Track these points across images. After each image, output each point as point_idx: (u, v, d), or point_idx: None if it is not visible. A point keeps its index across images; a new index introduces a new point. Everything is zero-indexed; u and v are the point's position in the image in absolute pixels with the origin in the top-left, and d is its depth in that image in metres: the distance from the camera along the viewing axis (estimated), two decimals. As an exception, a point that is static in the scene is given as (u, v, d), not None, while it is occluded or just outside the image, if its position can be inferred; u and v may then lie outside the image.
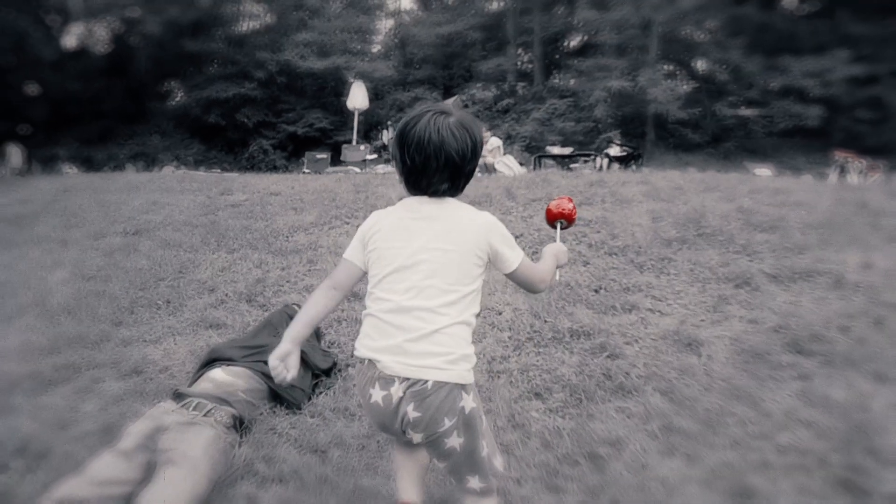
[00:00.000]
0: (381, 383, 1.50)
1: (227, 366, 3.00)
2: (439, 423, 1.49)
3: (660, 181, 7.16)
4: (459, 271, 1.52)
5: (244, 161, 22.35)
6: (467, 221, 1.55)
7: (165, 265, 5.50)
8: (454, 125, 1.51)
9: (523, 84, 25.39)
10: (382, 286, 1.55)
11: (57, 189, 10.08)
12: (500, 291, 3.80)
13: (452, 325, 1.50)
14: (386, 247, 1.56)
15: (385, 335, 1.51)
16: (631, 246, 4.53)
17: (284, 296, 4.39)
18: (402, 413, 1.50)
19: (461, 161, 1.51)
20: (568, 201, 2.04)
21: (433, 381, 1.47)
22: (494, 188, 7.16)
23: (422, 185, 1.55)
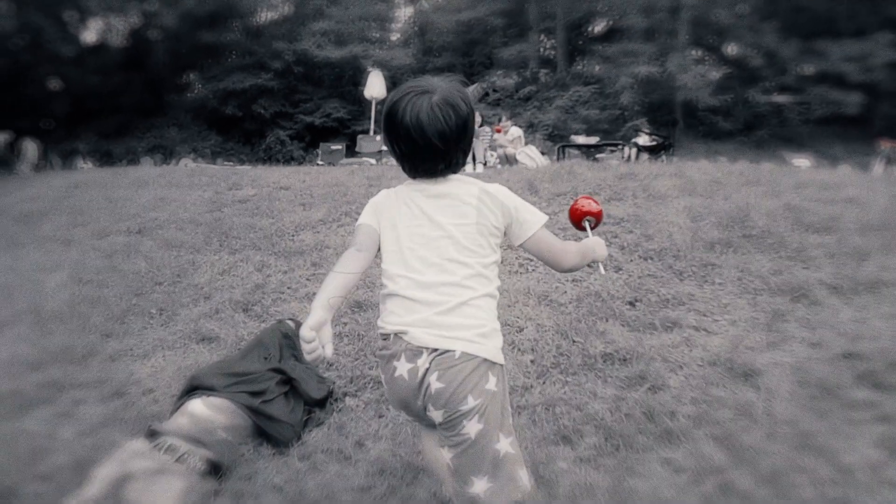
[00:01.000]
0: (408, 355, 1.43)
1: (208, 396, 2.61)
2: (463, 399, 1.38)
3: (695, 174, 6.63)
4: (477, 244, 1.47)
5: (261, 152, 22.10)
6: (478, 192, 1.50)
7: (164, 268, 5.19)
8: (436, 105, 1.43)
9: (546, 71, 24.67)
10: (400, 265, 1.48)
11: (68, 185, 10.03)
12: (521, 303, 3.36)
13: (479, 297, 1.45)
14: (400, 224, 1.51)
15: (411, 311, 1.44)
16: (668, 249, 4.05)
17: (283, 305, 4.00)
18: (426, 386, 1.41)
19: (448, 142, 1.45)
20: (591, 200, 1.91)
21: (461, 352, 1.39)
22: (516, 181, 6.70)
23: (418, 170, 1.52)
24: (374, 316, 3.51)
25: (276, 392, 2.62)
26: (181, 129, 22.64)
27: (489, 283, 1.48)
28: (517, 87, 23.59)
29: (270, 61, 22.14)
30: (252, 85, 21.81)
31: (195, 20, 22.25)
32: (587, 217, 1.85)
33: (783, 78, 21.58)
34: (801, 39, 20.49)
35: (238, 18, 24.53)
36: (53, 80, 21.55)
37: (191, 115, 23.00)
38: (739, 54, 23.22)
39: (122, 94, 22.74)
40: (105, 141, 21.59)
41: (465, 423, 1.40)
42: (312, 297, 3.84)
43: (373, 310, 3.57)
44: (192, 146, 21.97)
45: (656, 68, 20.39)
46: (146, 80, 23.17)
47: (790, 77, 21.57)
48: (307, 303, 3.89)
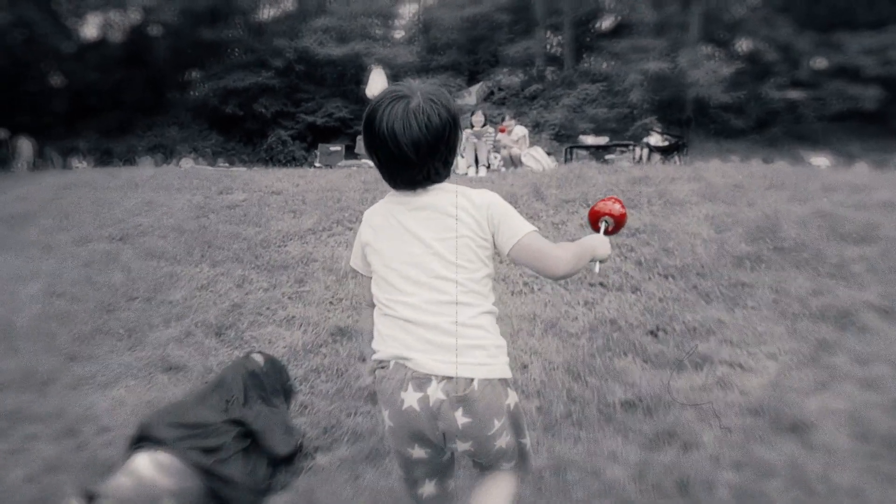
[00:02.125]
0: (416, 384, 1.34)
1: (156, 451, 2.20)
2: (489, 425, 1.36)
3: (714, 177, 6.18)
4: (465, 258, 1.38)
5: (262, 152, 21.69)
6: (463, 203, 1.41)
7: (140, 281, 4.83)
8: (412, 112, 1.34)
9: (552, 68, 24.06)
10: (388, 287, 1.42)
11: (59, 186, 9.80)
12: (526, 333, 2.93)
13: (478, 315, 1.37)
14: (384, 246, 1.44)
15: (409, 333, 1.37)
16: (691, 266, 3.61)
17: (260, 329, 3.59)
18: (448, 421, 1.33)
19: (421, 152, 1.36)
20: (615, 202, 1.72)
21: (479, 380, 1.33)
22: (520, 186, 6.27)
23: (397, 180, 1.43)
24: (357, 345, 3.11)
25: (234, 448, 2.20)
26: (182, 128, 22.26)
27: (484, 300, 1.40)
28: (523, 85, 23.00)
29: (271, 59, 21.69)
30: (253, 83, 21.36)
31: (195, 16, 21.89)
32: (604, 218, 1.68)
33: (798, 73, 20.97)
34: (817, 32, 19.88)
35: (240, 15, 24.15)
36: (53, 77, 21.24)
37: (191, 113, 22.61)
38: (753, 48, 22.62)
39: (123, 92, 22.44)
40: (105, 139, 21.27)
41: (496, 443, 1.39)
42: (291, 321, 3.43)
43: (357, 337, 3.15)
44: (193, 145, 21.61)
45: (667, 64, 19.82)
46: (147, 77, 22.83)
47: (805, 72, 20.96)
48: (285, 328, 3.49)
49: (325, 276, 4.25)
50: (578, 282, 3.55)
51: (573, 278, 3.67)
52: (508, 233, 1.39)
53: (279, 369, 2.85)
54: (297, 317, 3.57)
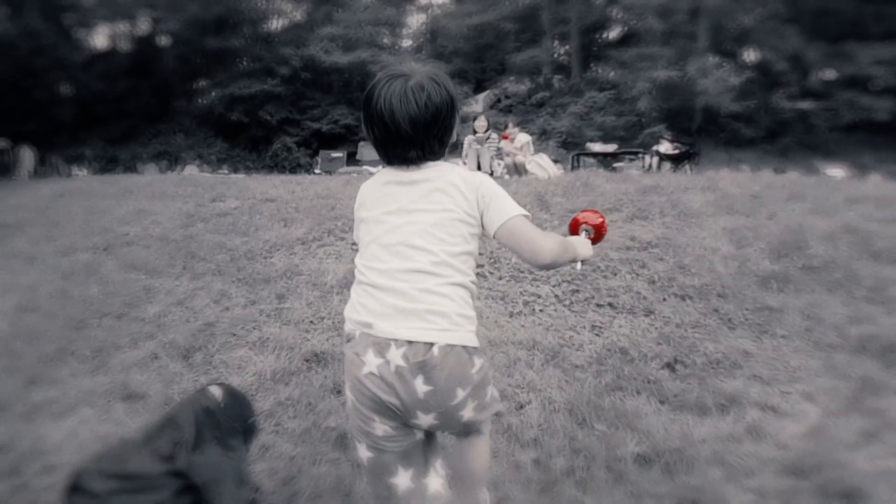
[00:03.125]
0: (376, 349, 1.31)
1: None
2: (452, 395, 1.32)
3: (729, 186, 5.82)
4: (445, 231, 1.37)
5: (268, 159, 21.44)
6: (455, 179, 1.40)
7: (116, 295, 4.52)
8: (410, 89, 1.34)
9: (559, 76, 23.75)
10: (368, 254, 1.42)
11: (55, 194, 9.68)
12: (524, 364, 2.57)
13: (446, 284, 1.34)
14: (371, 215, 1.44)
15: (375, 299, 1.36)
16: (711, 286, 3.25)
17: (230, 352, 3.25)
18: (409, 389, 1.30)
19: (418, 127, 1.35)
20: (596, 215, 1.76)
21: (439, 346, 1.29)
22: (524, 195, 5.92)
23: (391, 156, 1.42)
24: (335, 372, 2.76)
25: (174, 507, 1.86)
26: (187, 135, 22.11)
27: (458, 273, 1.37)
28: (530, 93, 22.71)
29: (277, 67, 21.53)
30: (258, 91, 21.20)
31: (202, 26, 21.77)
32: (584, 227, 1.71)
33: (808, 83, 20.59)
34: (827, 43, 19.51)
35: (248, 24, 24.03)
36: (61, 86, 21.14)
37: (197, 121, 22.45)
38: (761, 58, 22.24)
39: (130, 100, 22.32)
40: (111, 147, 21.14)
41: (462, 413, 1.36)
42: (265, 343, 3.09)
43: (334, 364, 2.81)
44: (198, 153, 21.44)
45: (675, 73, 19.48)
46: (154, 85, 22.71)
47: (815, 82, 20.58)
48: (257, 351, 3.15)
49: (309, 292, 3.91)
50: (585, 302, 3.20)
51: (580, 297, 3.32)
52: (497, 213, 1.38)
53: (240, 404, 2.49)
54: (271, 339, 3.23)
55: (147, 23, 22.65)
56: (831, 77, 20.90)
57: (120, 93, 22.10)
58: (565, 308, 3.15)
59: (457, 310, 1.34)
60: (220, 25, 22.57)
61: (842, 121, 20.07)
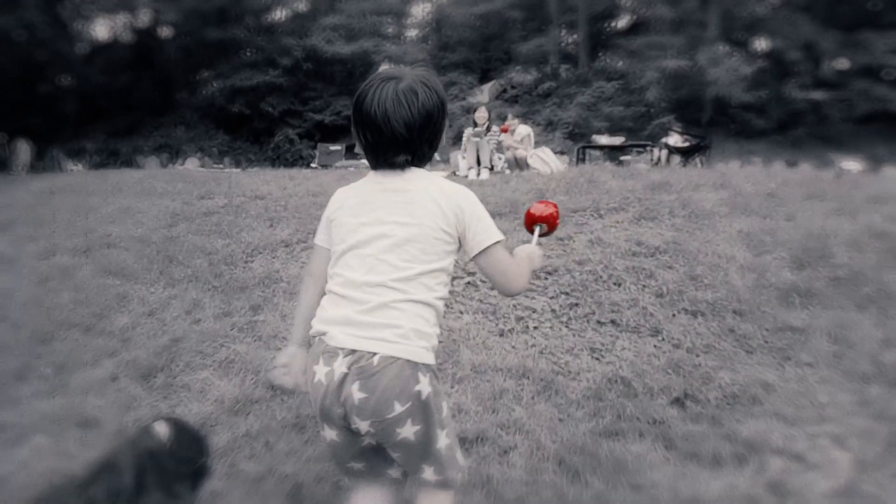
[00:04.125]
0: (326, 358, 1.33)
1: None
2: (388, 407, 1.30)
3: (743, 183, 5.47)
4: (419, 248, 1.35)
5: (270, 151, 21.20)
6: (435, 192, 1.38)
7: (89, 303, 4.25)
8: (402, 92, 1.34)
9: (566, 66, 23.24)
10: (340, 262, 1.41)
11: (46, 191, 9.45)
12: (511, 397, 2.25)
13: (406, 301, 1.34)
14: (346, 222, 1.42)
15: (336, 307, 1.37)
16: (726, 300, 2.92)
17: (193, 374, 2.95)
18: (346, 394, 1.30)
19: (412, 130, 1.34)
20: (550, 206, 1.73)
21: (381, 356, 1.29)
22: (524, 192, 5.59)
23: (380, 161, 1.40)
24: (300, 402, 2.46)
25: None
26: (188, 128, 21.84)
27: (424, 290, 1.35)
28: (536, 83, 22.21)
29: (279, 57, 21.19)
30: (260, 82, 20.88)
31: (204, 17, 21.43)
32: (538, 223, 1.70)
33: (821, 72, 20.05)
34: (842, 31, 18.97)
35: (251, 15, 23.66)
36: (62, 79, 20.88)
37: (198, 113, 22.16)
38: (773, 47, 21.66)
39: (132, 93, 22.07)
40: (113, 140, 20.92)
41: (398, 430, 1.33)
42: (230, 364, 2.80)
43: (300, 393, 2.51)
44: (200, 145, 21.18)
45: (685, 62, 18.98)
46: (155, 78, 22.43)
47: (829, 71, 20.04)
48: (221, 374, 2.85)
49: (285, 303, 3.61)
50: (585, 319, 2.88)
51: (579, 313, 3.00)
52: (478, 236, 1.38)
53: (190, 444, 2.18)
54: (237, 359, 2.94)
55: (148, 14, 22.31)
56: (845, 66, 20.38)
57: (122, 85, 21.87)
58: (562, 325, 2.83)
59: (411, 325, 1.33)
60: (222, 16, 22.25)
61: (856, 112, 19.59)
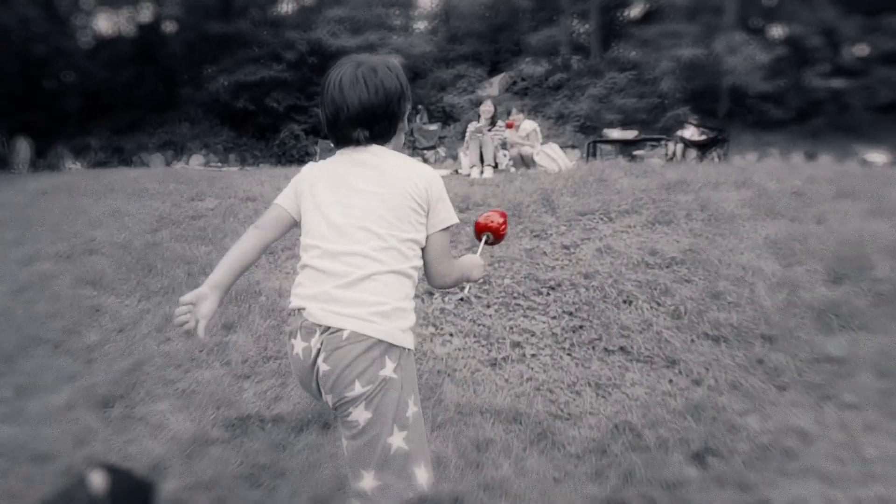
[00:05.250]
0: (303, 333, 1.34)
1: None
2: (349, 384, 1.28)
3: (766, 181, 5.06)
4: (394, 216, 1.36)
5: (275, 148, 20.88)
6: (406, 167, 1.42)
7: (62, 316, 3.99)
8: (361, 72, 1.38)
9: (578, 57, 22.63)
10: (314, 233, 1.39)
11: (38, 191, 9.21)
12: (498, 450, 1.89)
13: (387, 272, 1.34)
14: (318, 193, 1.42)
15: (316, 282, 1.35)
16: (753, 322, 2.55)
17: (152, 405, 2.64)
18: (317, 366, 1.31)
19: (365, 108, 1.37)
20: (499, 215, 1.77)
21: (350, 332, 1.28)
22: (528, 192, 5.23)
23: (338, 136, 1.43)
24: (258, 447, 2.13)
25: None
26: (193, 124, 21.55)
27: (404, 260, 1.36)
28: (547, 74, 21.65)
29: (283, 52, 20.78)
30: (265, 77, 20.50)
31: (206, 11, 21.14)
32: (486, 232, 1.73)
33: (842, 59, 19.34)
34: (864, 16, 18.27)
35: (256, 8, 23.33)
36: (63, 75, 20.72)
37: (203, 109, 21.86)
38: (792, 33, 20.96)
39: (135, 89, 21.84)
40: (117, 136, 20.72)
41: (352, 410, 1.30)
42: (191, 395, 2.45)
43: (261, 436, 2.18)
44: (204, 142, 20.91)
45: (701, 50, 18.37)
46: (159, 73, 22.18)
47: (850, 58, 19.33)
48: (180, 406, 2.54)
49: (261, 321, 3.29)
50: (590, 346, 2.52)
51: (584, 338, 2.64)
52: (440, 216, 1.41)
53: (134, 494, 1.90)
54: (199, 389, 2.62)
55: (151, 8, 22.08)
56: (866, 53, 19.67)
57: (125, 81, 21.61)
58: (564, 353, 2.48)
59: (393, 302, 1.32)
60: (226, 9, 21.94)
61: (878, 100, 18.86)
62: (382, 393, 1.28)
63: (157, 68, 22.04)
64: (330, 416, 2.22)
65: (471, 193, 5.52)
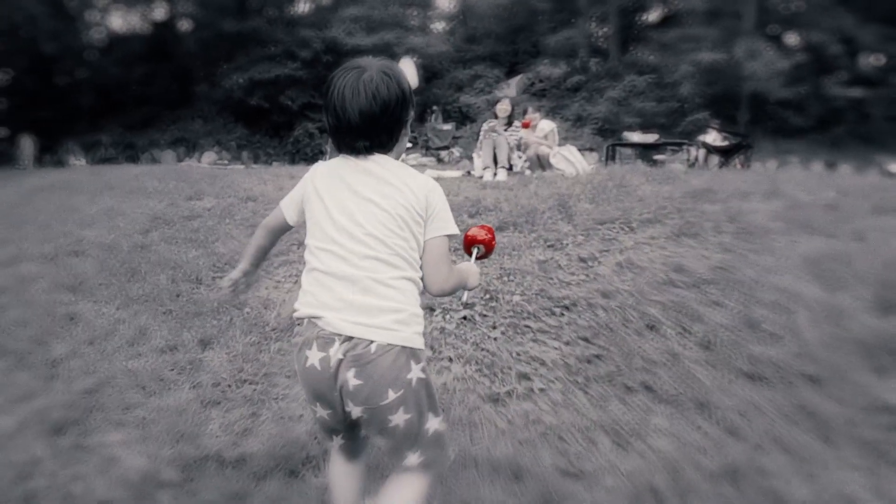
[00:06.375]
0: (320, 343, 1.34)
1: None
2: (382, 394, 1.32)
3: (795, 190, 4.70)
4: (396, 224, 1.38)
5: (289, 146, 20.70)
6: (406, 176, 1.43)
7: (34, 324, 3.75)
8: (362, 82, 1.38)
9: (596, 60, 22.20)
10: (321, 236, 1.41)
11: (36, 188, 9.05)
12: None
13: (399, 278, 1.36)
14: (325, 196, 1.43)
15: (327, 289, 1.36)
16: (795, 358, 2.19)
17: (105, 435, 2.32)
18: (342, 381, 1.32)
19: (365, 120, 1.38)
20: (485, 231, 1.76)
21: (378, 344, 1.31)
22: (543, 198, 4.89)
23: (341, 145, 1.45)
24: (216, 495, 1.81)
25: None
26: (206, 121, 21.41)
27: (409, 268, 1.38)
28: (565, 76, 21.23)
29: (298, 50, 20.60)
30: (279, 75, 20.30)
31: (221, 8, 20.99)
32: (476, 245, 1.73)
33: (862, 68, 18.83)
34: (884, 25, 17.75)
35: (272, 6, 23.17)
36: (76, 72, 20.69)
37: (216, 107, 21.71)
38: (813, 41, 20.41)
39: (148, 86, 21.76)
40: (129, 133, 20.63)
41: (390, 417, 1.34)
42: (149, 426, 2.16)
43: (218, 478, 1.85)
44: (217, 139, 20.77)
45: (721, 55, 17.90)
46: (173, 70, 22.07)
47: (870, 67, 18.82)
48: (137, 438, 2.23)
49: (242, 337, 2.98)
50: (608, 380, 2.18)
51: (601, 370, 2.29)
52: (438, 224, 1.41)
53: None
54: (160, 418, 2.31)
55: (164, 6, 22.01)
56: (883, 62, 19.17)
57: (138, 78, 21.56)
58: (578, 389, 2.13)
59: (408, 306, 1.35)
60: (241, 7, 21.79)
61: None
62: (414, 393, 1.35)
63: (171, 66, 21.91)
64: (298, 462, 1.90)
65: (482, 197, 5.18)
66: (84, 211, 6.56)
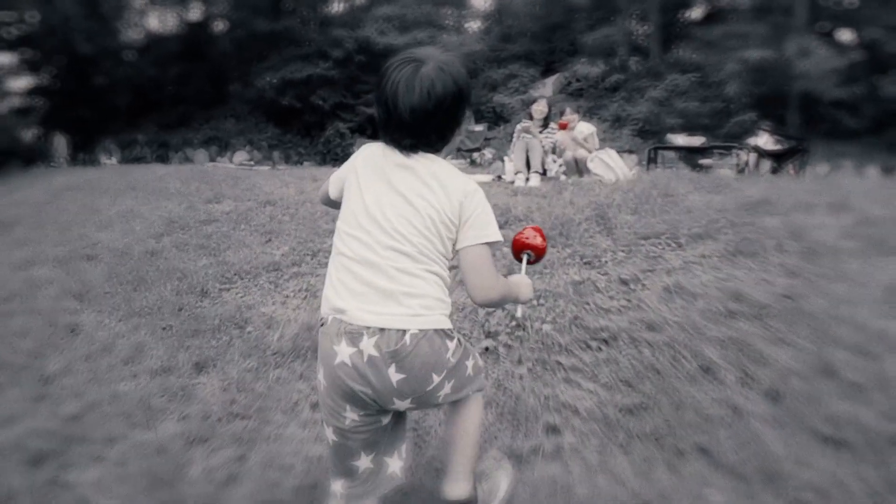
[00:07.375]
0: (349, 338, 1.29)
1: None
2: (427, 380, 1.33)
3: (865, 202, 4.22)
4: (425, 226, 1.34)
5: (320, 146, 20.63)
6: (446, 178, 1.37)
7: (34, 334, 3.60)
8: (418, 77, 1.32)
9: (637, 58, 21.48)
10: (352, 222, 1.37)
11: (62, 187, 9.09)
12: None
13: (424, 270, 1.33)
14: (361, 185, 1.39)
15: (353, 276, 1.33)
16: (886, 418, 1.79)
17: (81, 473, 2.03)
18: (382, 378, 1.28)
19: (417, 116, 1.33)
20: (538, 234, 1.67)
21: (412, 333, 1.28)
22: (579, 208, 4.52)
23: (387, 139, 1.40)
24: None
25: None
26: (238, 120, 21.52)
27: (435, 264, 1.35)
28: (603, 76, 20.59)
29: (330, 50, 20.52)
30: (311, 74, 20.27)
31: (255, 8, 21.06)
32: (526, 250, 1.65)
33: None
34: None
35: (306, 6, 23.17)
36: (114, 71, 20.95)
37: (249, 106, 21.81)
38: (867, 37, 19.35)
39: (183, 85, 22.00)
40: (164, 132, 20.87)
41: (438, 394, 1.36)
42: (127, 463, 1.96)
43: None
44: (249, 138, 20.87)
45: (770, 53, 17.08)
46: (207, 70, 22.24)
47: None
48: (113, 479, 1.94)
49: (241, 360, 2.69)
50: (653, 441, 1.81)
51: (645, 424, 1.91)
52: (474, 231, 1.36)
53: None
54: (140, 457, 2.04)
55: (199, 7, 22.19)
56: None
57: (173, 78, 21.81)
58: (617, 448, 1.77)
59: (432, 293, 1.33)
60: (275, 7, 21.82)
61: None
62: (455, 368, 1.36)
63: (205, 65, 22.08)
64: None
65: (512, 205, 4.84)
66: (104, 212, 6.45)
